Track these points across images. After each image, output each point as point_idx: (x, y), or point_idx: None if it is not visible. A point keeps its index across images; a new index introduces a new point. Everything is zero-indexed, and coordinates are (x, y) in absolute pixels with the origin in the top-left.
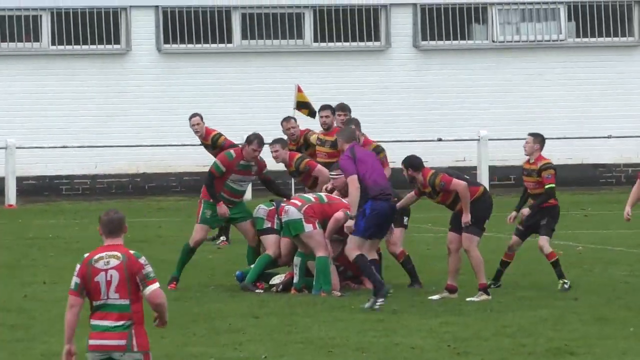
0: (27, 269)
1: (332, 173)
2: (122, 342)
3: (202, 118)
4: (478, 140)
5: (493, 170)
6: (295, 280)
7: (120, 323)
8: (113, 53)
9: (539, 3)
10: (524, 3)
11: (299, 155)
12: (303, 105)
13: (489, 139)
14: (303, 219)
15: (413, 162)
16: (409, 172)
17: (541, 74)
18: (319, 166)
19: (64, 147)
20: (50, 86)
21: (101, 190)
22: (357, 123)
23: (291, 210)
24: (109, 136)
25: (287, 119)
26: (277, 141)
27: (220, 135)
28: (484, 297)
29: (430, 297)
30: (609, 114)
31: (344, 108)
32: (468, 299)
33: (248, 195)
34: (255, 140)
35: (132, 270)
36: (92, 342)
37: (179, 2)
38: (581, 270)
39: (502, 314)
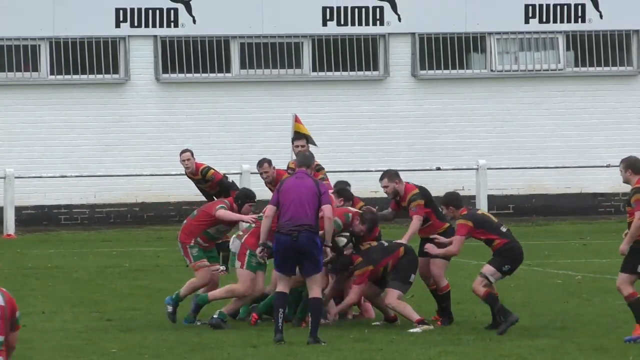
0: (26, 298)
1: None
2: None
3: (192, 154)
4: (477, 169)
5: (492, 199)
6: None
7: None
8: (112, 83)
9: (537, 32)
10: (522, 32)
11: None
12: (301, 137)
13: (488, 168)
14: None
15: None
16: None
17: (540, 103)
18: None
19: (62, 176)
20: (49, 116)
21: (100, 219)
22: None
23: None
24: (107, 166)
25: (260, 163)
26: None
27: (209, 168)
28: (425, 327)
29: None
30: (607, 143)
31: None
32: (410, 330)
33: None
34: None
35: (13, 309)
36: None
37: (177, 32)
38: (580, 299)
39: (501, 343)
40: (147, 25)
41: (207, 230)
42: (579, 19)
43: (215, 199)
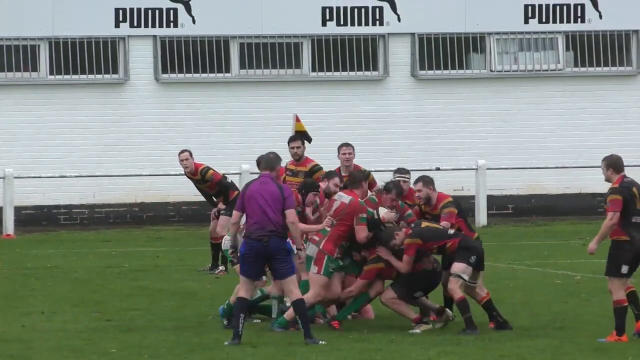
0: (26, 299)
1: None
2: None
3: (191, 154)
4: (476, 169)
5: (491, 199)
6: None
7: None
8: (111, 83)
9: (537, 33)
10: (522, 33)
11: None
12: (296, 137)
13: (487, 168)
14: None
15: None
16: None
17: (539, 103)
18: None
19: (62, 176)
20: (48, 116)
21: (99, 219)
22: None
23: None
24: (107, 166)
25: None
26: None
27: (208, 168)
28: (424, 327)
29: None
30: (607, 143)
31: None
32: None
33: None
34: (337, 176)
35: None
36: None
37: (176, 32)
38: (579, 299)
39: (501, 343)
40: (146, 26)
41: None
42: (579, 19)
43: (215, 199)
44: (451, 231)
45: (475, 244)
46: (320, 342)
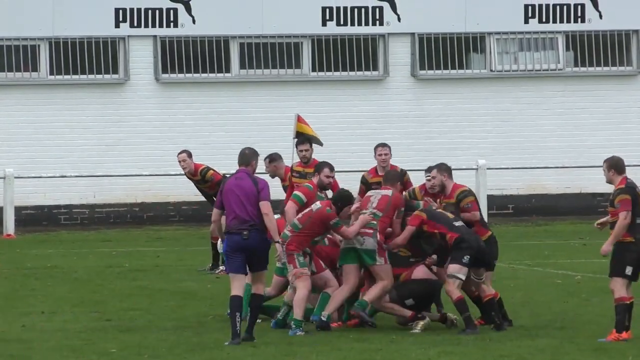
0: (26, 298)
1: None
2: None
3: (189, 155)
4: (476, 169)
5: (491, 199)
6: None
7: None
8: (111, 83)
9: (537, 32)
10: (522, 32)
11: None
12: (304, 140)
13: (488, 168)
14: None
15: None
16: None
17: (539, 103)
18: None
19: (62, 176)
20: (49, 116)
21: (100, 219)
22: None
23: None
24: (107, 166)
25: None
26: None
27: (208, 169)
28: (422, 323)
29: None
30: (607, 143)
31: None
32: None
33: None
34: (326, 167)
35: None
36: None
37: (177, 32)
38: (580, 299)
39: (501, 343)
40: (146, 26)
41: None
42: (579, 19)
43: (215, 199)
44: (458, 223)
45: (471, 244)
46: (254, 340)
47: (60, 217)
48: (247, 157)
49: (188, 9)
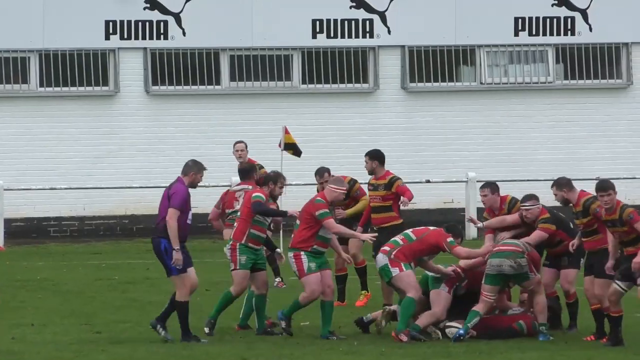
0: (16, 311)
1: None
2: None
3: (246, 146)
4: (466, 182)
5: (482, 211)
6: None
7: None
8: (101, 95)
9: (527, 45)
10: (512, 45)
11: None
12: (290, 146)
13: (477, 181)
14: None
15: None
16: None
17: (529, 116)
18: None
19: (52, 188)
20: (39, 128)
21: (89, 232)
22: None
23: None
24: (97, 178)
25: (320, 173)
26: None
27: (261, 166)
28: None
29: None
30: (597, 155)
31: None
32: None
33: None
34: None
35: None
36: None
37: (167, 44)
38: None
39: (491, 356)
40: (136, 38)
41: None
42: (569, 32)
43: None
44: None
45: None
46: (202, 340)
47: (50, 229)
48: (186, 167)
49: (178, 21)
